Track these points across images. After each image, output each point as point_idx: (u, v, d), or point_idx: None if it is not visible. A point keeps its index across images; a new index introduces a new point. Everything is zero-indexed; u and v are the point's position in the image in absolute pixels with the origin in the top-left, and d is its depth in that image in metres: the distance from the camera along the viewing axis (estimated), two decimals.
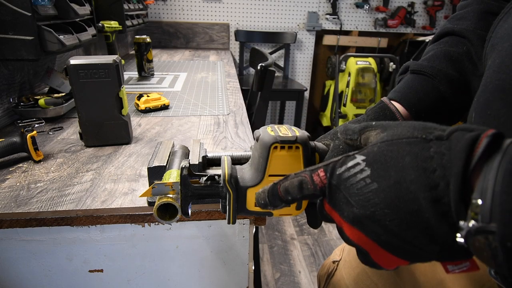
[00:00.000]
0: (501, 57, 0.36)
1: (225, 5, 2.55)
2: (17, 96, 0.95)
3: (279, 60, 2.76)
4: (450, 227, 0.23)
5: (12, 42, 0.79)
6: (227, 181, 0.36)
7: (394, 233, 0.25)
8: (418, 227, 0.24)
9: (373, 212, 0.25)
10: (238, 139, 0.82)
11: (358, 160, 0.27)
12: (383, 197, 0.25)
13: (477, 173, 0.22)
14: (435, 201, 0.23)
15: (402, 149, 0.25)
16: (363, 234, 0.27)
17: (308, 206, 0.39)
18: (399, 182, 0.24)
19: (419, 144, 0.24)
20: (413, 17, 2.74)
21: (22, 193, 0.56)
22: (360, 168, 0.26)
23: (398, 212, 0.24)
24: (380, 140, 0.27)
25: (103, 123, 0.73)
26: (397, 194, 0.24)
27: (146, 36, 1.41)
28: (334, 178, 0.28)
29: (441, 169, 0.23)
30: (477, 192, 0.21)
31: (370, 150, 0.27)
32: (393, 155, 0.25)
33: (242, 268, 0.61)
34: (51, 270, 0.56)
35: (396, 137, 0.26)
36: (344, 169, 0.27)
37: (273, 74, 1.28)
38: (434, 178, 0.23)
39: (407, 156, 0.24)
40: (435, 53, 0.52)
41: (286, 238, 1.87)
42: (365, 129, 0.31)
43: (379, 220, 0.25)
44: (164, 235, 0.56)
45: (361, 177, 0.26)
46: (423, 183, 0.23)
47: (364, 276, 0.62)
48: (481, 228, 0.20)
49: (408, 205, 0.24)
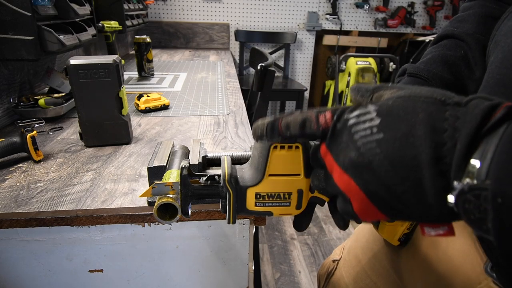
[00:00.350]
0: (503, 53, 0.36)
1: (225, 5, 2.55)
2: (17, 96, 0.96)
3: (279, 60, 2.76)
4: (443, 188, 0.23)
5: (12, 42, 0.79)
6: (227, 181, 0.36)
7: (385, 185, 0.25)
8: (410, 183, 0.24)
9: (371, 161, 0.25)
10: (238, 139, 0.82)
11: (370, 109, 0.26)
12: (385, 148, 0.25)
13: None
14: (437, 159, 0.23)
15: (418, 106, 0.25)
16: (353, 181, 0.26)
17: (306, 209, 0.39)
18: (406, 135, 0.24)
19: (436, 105, 0.24)
20: (413, 17, 2.75)
21: (22, 193, 0.56)
22: (370, 117, 0.26)
23: (395, 164, 0.24)
24: (396, 96, 0.27)
25: (103, 123, 0.73)
26: (400, 147, 0.24)
27: (146, 36, 1.41)
28: (341, 122, 0.28)
29: (451, 130, 0.23)
30: (478, 153, 0.21)
31: (385, 102, 0.27)
32: (408, 110, 0.25)
33: (242, 268, 0.61)
34: (51, 270, 0.56)
35: (414, 95, 0.26)
36: (353, 115, 0.27)
37: (273, 74, 1.28)
38: (443, 137, 0.23)
39: (421, 113, 0.24)
40: (433, 56, 0.52)
41: (286, 238, 1.87)
42: (379, 88, 0.30)
43: (374, 169, 0.25)
44: (164, 235, 0.56)
45: (369, 125, 0.26)
46: (429, 140, 0.23)
47: (363, 275, 0.63)
48: (474, 186, 0.20)
49: (408, 160, 0.24)
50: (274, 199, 0.37)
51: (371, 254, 0.62)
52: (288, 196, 0.37)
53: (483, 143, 0.21)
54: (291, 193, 0.36)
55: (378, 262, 0.61)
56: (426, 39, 2.58)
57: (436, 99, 0.25)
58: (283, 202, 0.37)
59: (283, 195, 0.37)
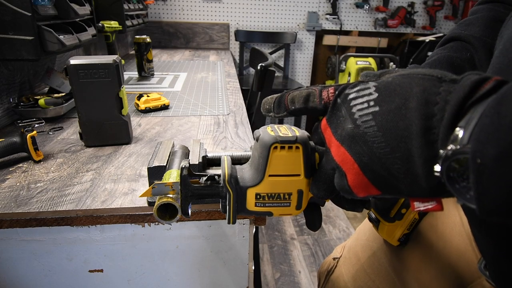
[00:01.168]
0: (504, 43, 0.37)
1: (225, 5, 2.55)
2: (17, 96, 0.96)
3: (279, 60, 2.76)
4: (430, 158, 0.23)
5: (12, 42, 0.79)
6: (227, 181, 0.36)
7: (376, 156, 0.26)
8: (400, 153, 0.24)
9: (365, 132, 0.26)
10: (238, 139, 0.82)
11: (369, 85, 0.28)
12: (379, 119, 0.25)
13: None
14: (426, 130, 0.23)
15: (414, 81, 0.26)
16: (348, 153, 0.27)
17: (308, 208, 0.39)
18: (399, 107, 0.25)
19: (432, 81, 0.25)
20: (413, 17, 2.75)
21: (22, 193, 0.56)
22: (368, 92, 0.27)
23: (387, 136, 0.25)
24: (398, 74, 0.28)
25: (103, 123, 0.73)
26: (393, 118, 0.25)
27: (146, 36, 1.41)
28: (342, 97, 0.29)
29: (442, 102, 0.23)
30: (463, 121, 0.22)
31: (385, 79, 0.28)
32: (404, 85, 0.26)
33: (242, 268, 0.61)
34: (51, 270, 0.56)
35: (414, 72, 0.27)
36: (354, 90, 0.28)
37: (273, 74, 1.28)
38: (434, 109, 0.23)
39: (416, 87, 0.25)
40: (438, 58, 0.53)
41: (286, 238, 1.87)
42: (385, 72, 0.32)
43: (367, 141, 0.26)
44: (164, 235, 0.56)
45: (367, 99, 0.27)
46: (421, 112, 0.24)
47: (362, 273, 0.63)
48: (456, 151, 0.21)
49: (399, 131, 0.24)
50: (274, 200, 0.37)
51: (370, 252, 0.62)
52: (288, 197, 0.37)
53: (470, 113, 0.22)
54: (291, 194, 0.36)
55: (377, 261, 0.61)
56: (426, 39, 2.58)
57: (433, 76, 0.25)
58: (283, 202, 0.37)
59: (283, 196, 0.37)
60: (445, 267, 0.46)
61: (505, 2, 0.52)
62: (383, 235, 0.53)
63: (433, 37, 2.59)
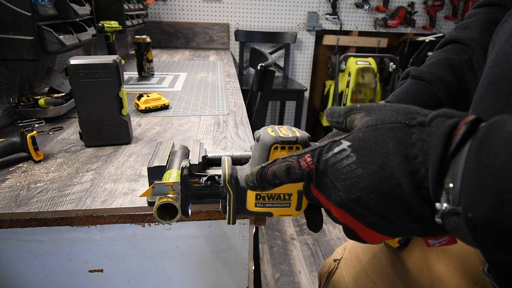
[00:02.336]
0: (496, 53, 0.37)
1: (225, 5, 2.55)
2: (17, 96, 0.95)
3: (279, 60, 2.76)
4: (430, 209, 0.24)
5: (12, 42, 0.79)
6: (228, 181, 0.36)
7: (378, 215, 0.26)
8: (401, 209, 0.25)
9: (359, 196, 0.26)
10: (238, 139, 0.82)
11: (344, 146, 0.28)
12: (368, 182, 0.26)
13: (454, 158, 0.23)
14: (416, 186, 0.24)
15: (386, 134, 0.26)
16: (350, 216, 0.28)
17: (308, 209, 0.39)
18: (383, 168, 0.25)
19: (402, 130, 0.25)
20: (413, 17, 2.74)
21: (22, 193, 0.56)
22: (346, 154, 0.27)
23: (382, 196, 0.25)
24: (365, 124, 0.28)
25: (103, 123, 0.73)
26: (381, 179, 0.25)
27: (146, 36, 1.41)
28: (321, 164, 0.29)
29: (422, 155, 0.24)
30: (449, 176, 0.22)
31: (356, 135, 0.28)
32: (377, 140, 0.26)
33: (242, 268, 0.61)
34: (51, 270, 0.56)
35: (380, 122, 0.27)
36: (331, 155, 0.28)
37: (273, 74, 1.28)
38: (416, 164, 0.24)
39: (391, 142, 0.25)
40: (437, 60, 0.53)
41: (286, 238, 1.87)
42: (350, 111, 0.32)
43: (364, 203, 0.26)
44: (164, 235, 0.56)
45: (347, 162, 0.27)
46: (405, 169, 0.24)
47: (363, 275, 0.63)
48: (452, 210, 0.22)
49: (392, 190, 0.25)
50: (274, 200, 0.37)
51: (371, 254, 0.62)
52: (288, 197, 0.37)
53: (452, 165, 0.22)
54: (291, 194, 0.37)
55: (378, 262, 0.61)
56: (426, 39, 2.58)
57: (401, 123, 0.26)
58: (283, 203, 0.37)
59: (283, 196, 0.37)
60: (447, 269, 0.46)
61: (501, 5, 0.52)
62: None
63: (433, 37, 2.59)
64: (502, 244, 0.20)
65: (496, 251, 0.21)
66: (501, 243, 0.20)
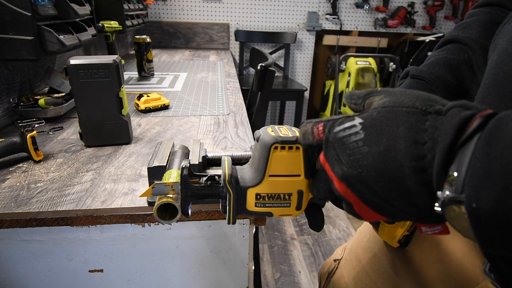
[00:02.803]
0: (498, 54, 0.37)
1: (225, 5, 2.55)
2: (17, 96, 0.95)
3: (279, 60, 2.76)
4: (429, 196, 0.24)
5: (12, 42, 0.79)
6: (228, 181, 0.36)
7: (376, 194, 0.26)
8: (399, 192, 0.25)
9: (360, 173, 0.27)
10: (238, 139, 0.82)
11: (356, 123, 0.28)
12: (371, 161, 0.26)
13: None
14: (419, 171, 0.24)
15: (399, 118, 0.26)
16: (349, 190, 0.29)
17: (309, 209, 0.39)
18: (389, 149, 0.25)
19: (417, 115, 0.25)
20: (413, 17, 2.74)
21: (22, 193, 0.56)
22: (355, 131, 0.28)
23: (382, 176, 0.25)
24: (381, 105, 0.28)
25: (103, 123, 0.73)
26: (384, 160, 0.25)
27: (146, 36, 1.41)
28: (331, 135, 0.29)
29: (431, 142, 0.24)
30: (455, 165, 0.22)
31: (370, 114, 0.28)
32: (390, 122, 0.26)
33: (242, 268, 0.61)
34: (51, 270, 0.56)
35: (397, 105, 0.27)
36: (341, 129, 0.29)
37: (273, 74, 1.28)
38: (423, 150, 0.24)
39: (402, 126, 0.25)
40: (436, 59, 0.53)
41: (286, 238, 1.87)
42: (370, 94, 0.32)
43: (364, 180, 0.26)
44: (164, 235, 0.56)
45: (355, 139, 0.27)
46: (410, 154, 0.24)
47: (364, 275, 0.63)
48: (453, 198, 0.22)
49: (393, 172, 0.25)
50: (274, 200, 0.37)
51: (371, 254, 0.62)
52: (288, 197, 0.37)
53: (459, 154, 0.22)
54: (291, 194, 0.36)
55: (378, 262, 0.61)
56: (426, 39, 2.58)
57: (417, 109, 0.26)
58: (283, 203, 0.37)
59: (283, 196, 0.37)
60: (448, 269, 0.46)
61: (501, 5, 0.52)
62: (383, 236, 0.53)
63: (433, 37, 2.59)
64: (503, 236, 0.20)
65: (496, 244, 0.21)
66: (502, 235, 0.20)
